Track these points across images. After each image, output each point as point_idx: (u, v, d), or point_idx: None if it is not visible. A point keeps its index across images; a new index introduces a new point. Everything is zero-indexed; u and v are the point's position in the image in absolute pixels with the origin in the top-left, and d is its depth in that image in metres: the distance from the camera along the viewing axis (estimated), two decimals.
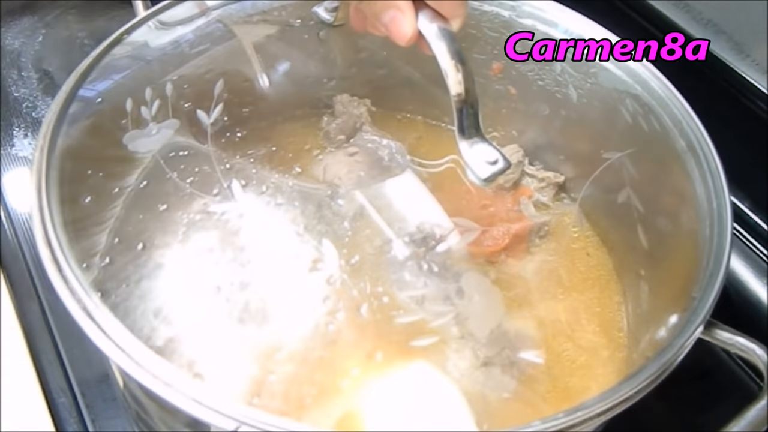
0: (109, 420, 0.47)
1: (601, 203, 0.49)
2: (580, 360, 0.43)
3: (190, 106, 0.46)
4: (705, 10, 0.56)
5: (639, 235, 0.45)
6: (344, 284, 0.40)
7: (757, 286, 0.53)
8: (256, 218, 0.43)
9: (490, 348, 0.40)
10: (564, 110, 0.50)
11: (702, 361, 0.49)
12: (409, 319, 0.39)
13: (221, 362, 0.37)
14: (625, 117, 0.46)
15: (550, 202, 0.51)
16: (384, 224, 0.43)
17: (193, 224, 0.42)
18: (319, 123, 0.52)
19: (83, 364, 0.49)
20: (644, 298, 0.44)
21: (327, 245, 0.41)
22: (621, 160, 0.46)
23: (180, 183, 0.44)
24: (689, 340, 0.33)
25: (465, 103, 0.36)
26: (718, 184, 0.40)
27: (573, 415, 0.30)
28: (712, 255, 0.37)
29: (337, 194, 0.45)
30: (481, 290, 0.42)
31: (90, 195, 0.40)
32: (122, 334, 0.30)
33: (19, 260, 0.54)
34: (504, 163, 0.36)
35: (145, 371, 0.29)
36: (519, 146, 0.52)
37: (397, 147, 0.49)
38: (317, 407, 0.36)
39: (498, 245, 0.46)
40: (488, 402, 0.38)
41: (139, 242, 0.42)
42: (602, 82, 0.46)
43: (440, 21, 0.36)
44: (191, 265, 0.41)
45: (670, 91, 0.44)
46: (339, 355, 0.38)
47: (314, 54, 0.51)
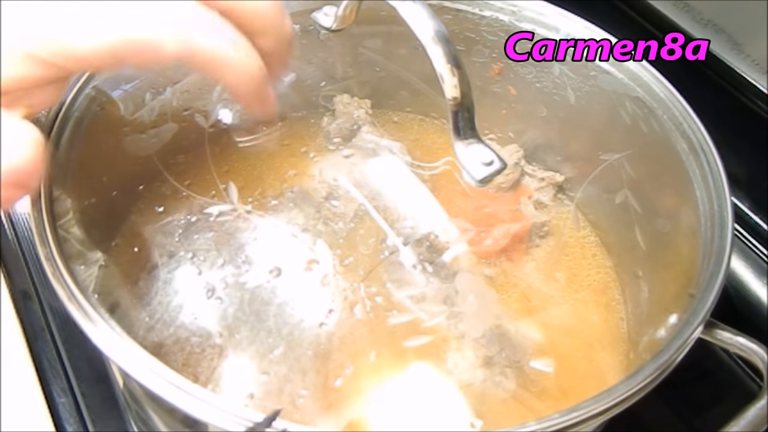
0: (109, 420, 0.47)
1: (599, 204, 0.49)
2: (579, 360, 0.43)
3: (189, 111, 0.47)
4: (705, 10, 0.56)
5: (637, 236, 0.45)
6: (338, 284, 0.40)
7: (757, 286, 0.53)
8: (252, 220, 0.43)
9: (489, 348, 0.40)
10: (563, 112, 0.50)
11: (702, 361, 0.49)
12: (403, 319, 0.39)
13: (217, 362, 0.37)
14: (624, 119, 0.46)
15: (549, 202, 0.51)
16: (380, 225, 0.43)
17: (190, 226, 0.42)
18: (316, 125, 0.52)
19: (83, 364, 0.49)
20: (644, 298, 0.44)
21: (321, 246, 0.41)
22: (620, 162, 0.46)
23: (177, 185, 0.45)
24: (689, 340, 0.33)
25: (461, 107, 0.36)
26: (719, 185, 0.39)
27: (572, 415, 0.30)
28: (712, 255, 0.37)
29: (332, 195, 0.45)
30: (475, 290, 0.42)
31: (89, 196, 0.40)
32: (121, 334, 0.30)
33: (19, 260, 0.55)
34: (500, 164, 0.36)
35: (145, 371, 0.29)
36: (518, 146, 0.52)
37: (396, 147, 0.49)
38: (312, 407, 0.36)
39: (498, 245, 0.46)
40: (487, 402, 0.38)
41: (138, 243, 0.42)
42: (602, 84, 0.46)
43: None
44: (188, 265, 0.41)
45: (670, 92, 0.44)
46: (334, 355, 0.38)
47: (313, 58, 0.51)
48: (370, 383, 0.38)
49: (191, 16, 0.30)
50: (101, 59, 0.29)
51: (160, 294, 0.39)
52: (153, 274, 0.40)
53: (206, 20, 0.30)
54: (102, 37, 0.28)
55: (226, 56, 0.31)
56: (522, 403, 0.39)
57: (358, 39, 0.51)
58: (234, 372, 0.37)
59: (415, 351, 0.39)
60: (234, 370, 0.37)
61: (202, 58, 0.30)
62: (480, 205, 0.49)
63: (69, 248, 0.34)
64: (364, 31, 0.50)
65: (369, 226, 0.43)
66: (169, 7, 0.30)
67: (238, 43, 0.31)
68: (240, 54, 0.32)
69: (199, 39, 0.30)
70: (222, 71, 0.31)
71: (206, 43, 0.30)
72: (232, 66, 0.31)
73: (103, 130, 0.42)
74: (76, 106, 0.39)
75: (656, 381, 0.32)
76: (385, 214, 0.43)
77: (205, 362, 0.37)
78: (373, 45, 0.51)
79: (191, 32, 0.30)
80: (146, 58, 0.29)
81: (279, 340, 0.38)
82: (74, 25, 0.28)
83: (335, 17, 0.46)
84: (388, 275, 0.41)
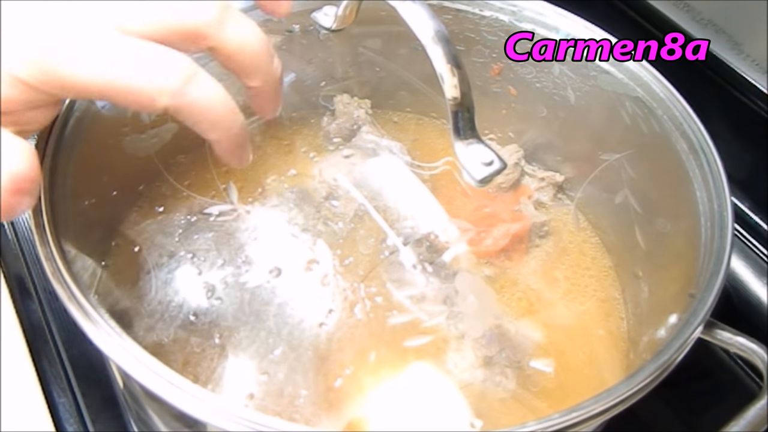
0: (109, 420, 0.47)
1: (599, 204, 0.49)
2: (579, 360, 0.43)
3: None
4: (705, 10, 0.56)
5: (637, 236, 0.45)
6: (338, 285, 0.40)
7: (757, 286, 0.53)
8: (252, 220, 0.43)
9: (489, 348, 0.40)
10: (563, 112, 0.50)
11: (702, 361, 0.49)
12: (403, 319, 0.39)
13: (217, 362, 0.37)
14: (624, 119, 0.46)
15: (549, 202, 0.51)
16: (380, 225, 0.43)
17: (190, 226, 0.42)
18: (316, 125, 0.52)
19: (83, 364, 0.49)
20: (644, 298, 0.44)
21: (321, 246, 0.41)
22: (620, 162, 0.46)
23: (177, 185, 0.45)
24: (689, 340, 0.33)
25: (461, 107, 0.36)
26: (719, 185, 0.40)
27: (572, 415, 0.30)
28: (712, 255, 0.37)
29: (332, 195, 0.45)
30: (475, 290, 0.42)
31: (89, 196, 0.40)
32: (121, 334, 0.30)
33: (19, 260, 0.55)
34: (500, 164, 0.36)
35: (145, 371, 0.29)
36: (518, 146, 0.53)
37: (396, 147, 0.49)
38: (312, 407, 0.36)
39: (498, 245, 0.46)
40: (487, 402, 0.38)
41: (137, 243, 0.42)
42: (602, 84, 0.46)
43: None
44: (188, 265, 0.41)
45: (671, 92, 0.44)
46: (334, 355, 0.38)
47: (313, 58, 0.51)
48: (370, 383, 0.38)
49: (188, 72, 0.30)
50: (90, 94, 0.29)
51: (160, 294, 0.39)
52: (153, 274, 0.40)
53: (202, 77, 0.30)
54: (94, 75, 0.28)
55: (213, 116, 0.31)
56: (522, 403, 0.39)
57: (358, 39, 0.51)
58: (234, 372, 0.37)
59: (415, 351, 0.39)
60: (234, 370, 0.37)
61: (189, 114, 0.31)
62: (480, 205, 0.49)
63: (69, 248, 0.34)
64: (364, 31, 0.50)
65: (369, 226, 0.43)
66: (167, 58, 0.29)
67: (227, 102, 0.32)
68: (226, 113, 0.32)
69: (191, 95, 0.30)
70: (206, 127, 0.32)
71: (197, 99, 0.30)
72: (217, 124, 0.32)
73: (103, 130, 0.42)
74: (76, 106, 0.39)
75: (656, 381, 0.32)
76: (385, 214, 0.43)
77: (205, 362, 0.37)
78: (373, 45, 0.51)
79: (186, 88, 0.30)
80: (136, 104, 0.30)
81: (279, 340, 0.38)
82: (67, 57, 0.28)
83: (335, 17, 0.46)
84: (388, 275, 0.41)
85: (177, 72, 0.30)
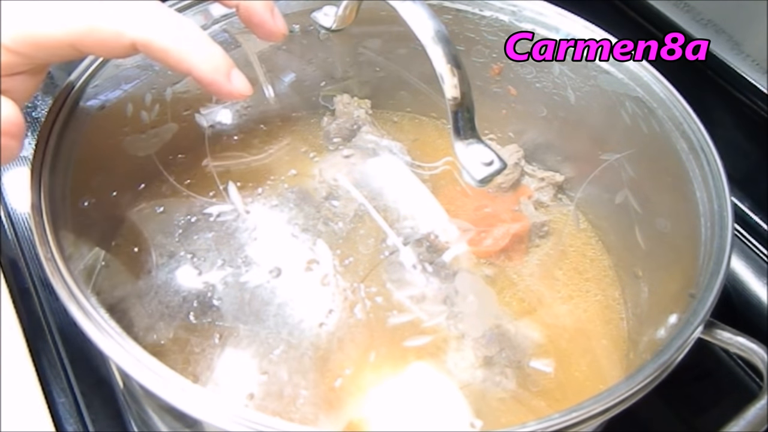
0: (109, 420, 0.47)
1: (599, 204, 0.49)
2: (579, 360, 0.43)
3: (189, 111, 0.47)
4: (705, 10, 0.56)
5: (637, 236, 0.45)
6: (338, 284, 0.40)
7: (757, 286, 0.53)
8: (252, 220, 0.43)
9: (489, 348, 0.40)
10: (563, 112, 0.50)
11: (702, 361, 0.49)
12: (403, 320, 0.39)
13: (217, 362, 0.37)
14: (624, 119, 0.46)
15: (549, 202, 0.51)
16: (380, 225, 0.43)
17: (190, 226, 0.42)
18: (316, 125, 0.52)
19: (83, 364, 0.49)
20: (644, 298, 0.44)
21: (321, 246, 0.41)
22: (620, 162, 0.46)
23: (177, 185, 0.45)
24: (689, 340, 0.33)
25: (460, 107, 0.36)
26: (719, 185, 0.40)
27: (572, 415, 0.30)
28: (712, 255, 0.37)
29: (332, 195, 0.45)
30: (475, 290, 0.42)
31: (89, 196, 0.40)
32: (121, 334, 0.30)
33: (19, 260, 0.54)
34: (500, 164, 0.36)
35: (145, 371, 0.29)
36: (518, 146, 0.52)
37: (396, 147, 0.49)
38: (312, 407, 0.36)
39: (498, 245, 0.46)
40: (487, 402, 0.38)
41: (137, 243, 0.42)
42: (602, 84, 0.46)
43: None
44: (188, 265, 0.41)
45: (671, 92, 0.44)
46: (334, 355, 0.38)
47: (313, 58, 0.51)
48: (370, 383, 0.38)
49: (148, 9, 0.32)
50: (63, 47, 0.31)
51: (160, 294, 0.39)
52: (153, 274, 0.40)
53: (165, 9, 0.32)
54: (63, 26, 0.31)
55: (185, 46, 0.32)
56: (522, 403, 0.39)
57: (358, 39, 0.51)
58: (234, 372, 0.37)
59: (415, 351, 0.39)
60: (234, 370, 0.37)
61: (159, 46, 0.32)
62: (480, 205, 0.49)
63: (69, 248, 0.34)
64: (364, 31, 0.50)
65: (369, 226, 0.43)
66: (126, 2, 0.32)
67: (196, 32, 0.33)
68: (199, 43, 0.33)
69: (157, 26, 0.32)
70: (183, 63, 0.33)
71: (164, 30, 0.32)
72: (191, 55, 0.33)
73: (103, 129, 0.42)
74: (76, 106, 0.39)
75: (656, 381, 0.32)
76: (385, 214, 0.43)
77: (205, 362, 0.37)
78: (373, 45, 0.51)
79: (150, 19, 0.32)
80: (104, 46, 0.32)
81: (279, 340, 0.38)
82: (37, 14, 0.31)
83: (335, 17, 0.46)
84: (388, 275, 0.41)
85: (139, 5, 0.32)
